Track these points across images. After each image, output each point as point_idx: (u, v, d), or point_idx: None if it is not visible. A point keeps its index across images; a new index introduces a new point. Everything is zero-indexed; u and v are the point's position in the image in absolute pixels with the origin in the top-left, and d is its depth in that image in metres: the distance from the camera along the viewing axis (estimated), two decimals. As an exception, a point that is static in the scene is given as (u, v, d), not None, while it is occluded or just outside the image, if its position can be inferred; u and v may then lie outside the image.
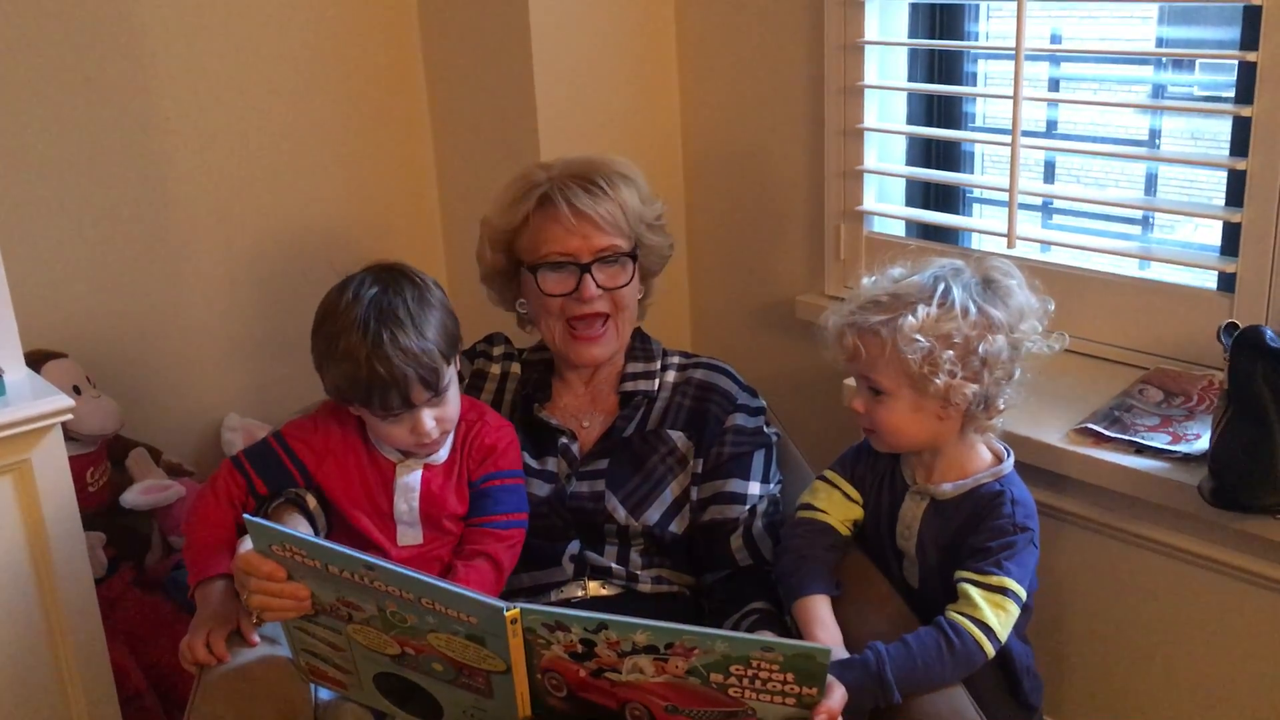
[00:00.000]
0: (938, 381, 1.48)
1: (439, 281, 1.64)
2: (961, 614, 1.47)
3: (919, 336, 1.48)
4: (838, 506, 1.67)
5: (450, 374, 1.59)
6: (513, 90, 2.35)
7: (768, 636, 1.41)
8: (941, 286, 1.52)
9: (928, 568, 1.59)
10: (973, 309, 1.50)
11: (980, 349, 1.49)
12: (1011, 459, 1.59)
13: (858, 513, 1.67)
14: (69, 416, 1.72)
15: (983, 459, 1.58)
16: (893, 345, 1.50)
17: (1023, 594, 1.49)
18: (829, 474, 1.69)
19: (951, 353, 1.48)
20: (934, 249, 2.18)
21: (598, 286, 1.70)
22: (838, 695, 1.30)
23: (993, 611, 1.46)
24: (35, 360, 2.05)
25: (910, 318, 1.49)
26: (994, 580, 1.48)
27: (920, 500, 1.60)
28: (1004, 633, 1.47)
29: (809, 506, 1.67)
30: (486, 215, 1.79)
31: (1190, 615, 1.73)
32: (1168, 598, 1.74)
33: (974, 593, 1.47)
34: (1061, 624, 1.86)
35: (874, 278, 1.60)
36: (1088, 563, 1.80)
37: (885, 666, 1.42)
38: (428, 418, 1.57)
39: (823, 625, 1.53)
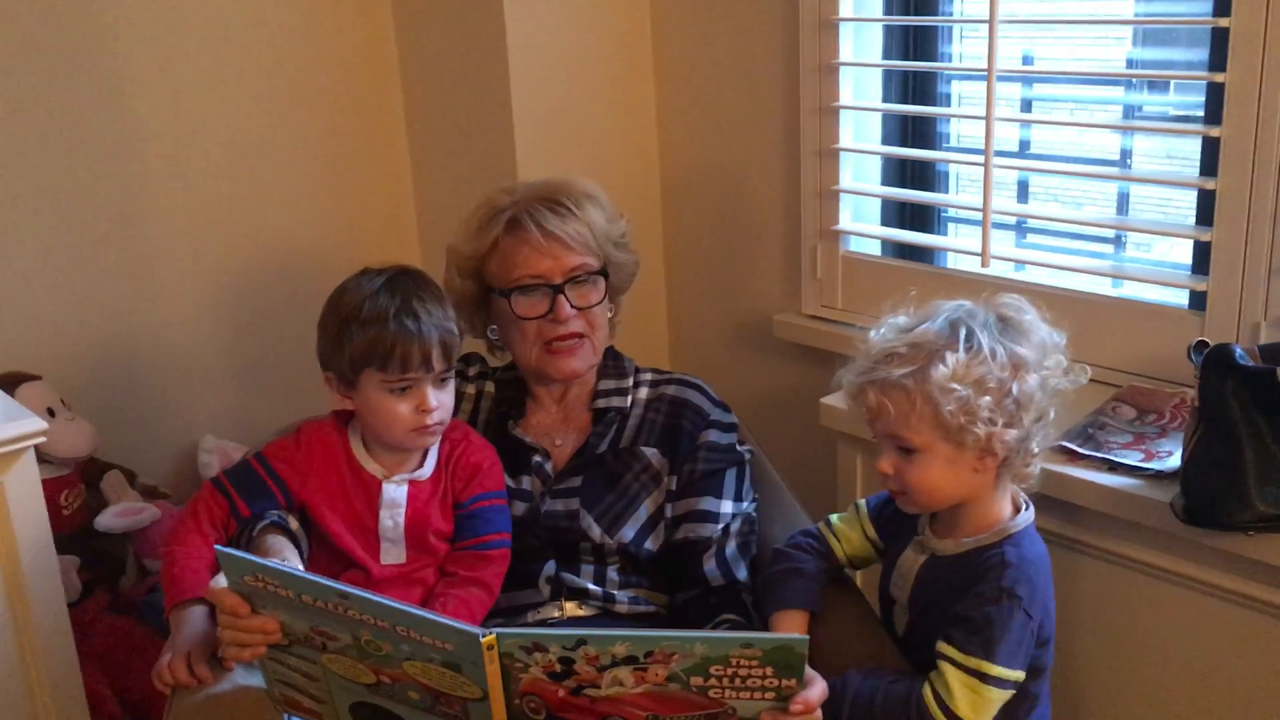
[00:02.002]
0: (977, 431, 1.39)
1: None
2: (935, 693, 1.39)
3: (955, 385, 1.38)
4: (852, 539, 1.64)
5: (454, 365, 1.64)
6: (490, 112, 2.35)
7: (745, 634, 1.41)
8: (963, 330, 1.42)
9: (916, 622, 1.53)
10: (1000, 350, 1.41)
11: (1014, 391, 1.40)
12: (1029, 512, 1.50)
13: (868, 551, 1.64)
14: (42, 439, 1.71)
15: (1003, 513, 1.49)
16: (923, 398, 1.40)
17: (1007, 676, 1.38)
18: (860, 504, 1.65)
19: (988, 398, 1.39)
20: (912, 269, 2.21)
21: (571, 306, 1.71)
22: (817, 688, 1.30)
23: (965, 697, 1.37)
24: (9, 382, 2.05)
25: (941, 366, 1.39)
26: (971, 662, 1.38)
27: (920, 553, 1.53)
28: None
29: (828, 524, 1.66)
30: (453, 244, 1.79)
31: (1164, 631, 1.73)
32: (1142, 614, 1.75)
33: (949, 673, 1.39)
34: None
35: (880, 330, 1.50)
36: (1061, 580, 1.79)
37: (844, 706, 1.41)
38: (433, 396, 1.60)
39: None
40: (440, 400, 1.61)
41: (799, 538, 1.65)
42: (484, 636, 1.22)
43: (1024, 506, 1.50)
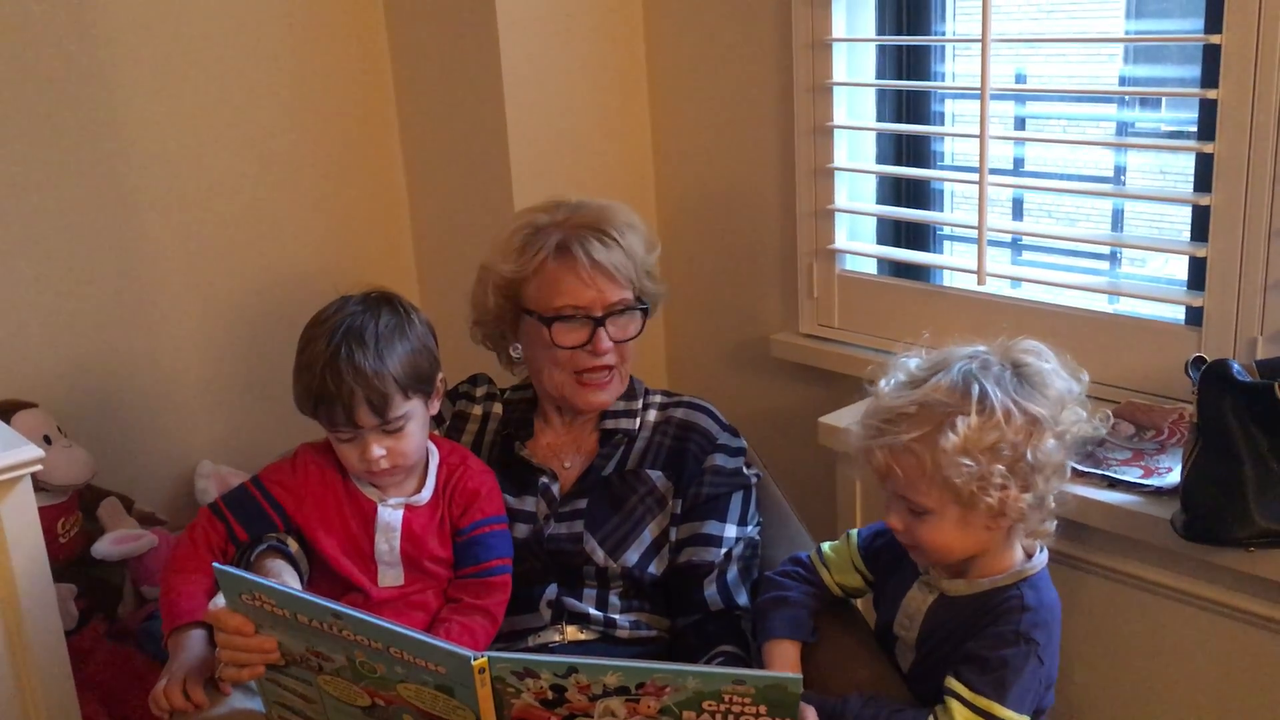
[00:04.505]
0: (989, 499, 1.35)
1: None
2: None
3: (964, 458, 1.34)
4: (841, 568, 1.62)
5: (407, 410, 1.58)
6: (486, 136, 2.36)
7: (738, 669, 1.40)
8: (976, 389, 1.36)
9: (923, 661, 1.51)
10: (1015, 411, 1.35)
11: (1029, 456, 1.35)
12: (1043, 556, 1.47)
13: (858, 583, 1.62)
14: (39, 467, 1.70)
15: (1014, 558, 1.45)
16: (934, 464, 1.35)
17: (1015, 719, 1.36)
18: (852, 534, 1.63)
19: (1001, 466, 1.34)
20: (908, 288, 2.21)
21: (610, 340, 1.70)
22: None
23: None
24: (5, 410, 2.04)
25: (951, 435, 1.34)
26: (981, 702, 1.35)
27: (928, 592, 1.50)
28: None
29: (819, 552, 1.64)
30: (488, 261, 1.76)
31: (1165, 648, 1.73)
32: (1142, 630, 1.74)
33: (957, 711, 1.36)
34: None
35: (890, 378, 1.45)
36: (1061, 596, 1.79)
37: (856, 714, 1.41)
38: (375, 446, 1.57)
39: (785, 668, 1.51)
40: (389, 447, 1.58)
41: (787, 565, 1.65)
42: (475, 659, 1.22)
43: (1038, 550, 1.48)
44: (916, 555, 1.48)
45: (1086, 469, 1.73)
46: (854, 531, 1.64)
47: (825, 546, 1.65)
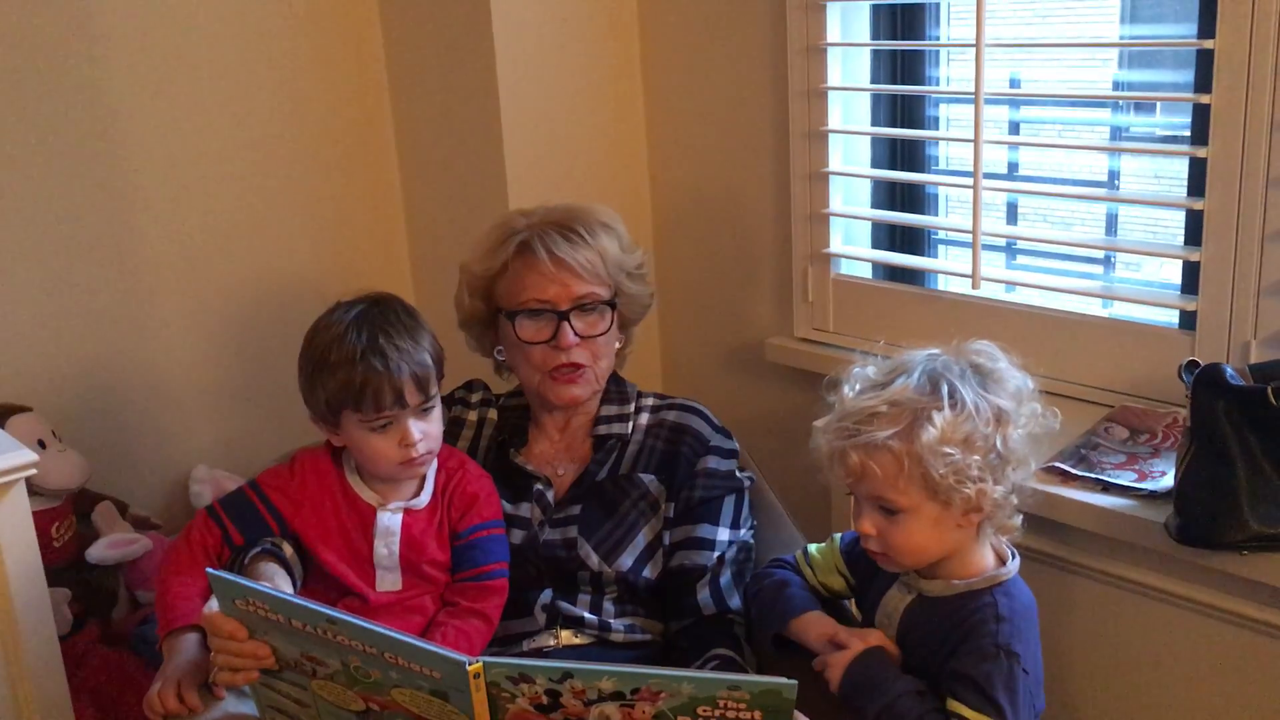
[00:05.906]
0: (966, 490, 1.36)
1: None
2: None
3: (946, 448, 1.35)
4: (826, 570, 1.62)
5: (436, 392, 1.62)
6: (481, 140, 2.36)
7: (734, 675, 1.40)
8: (945, 386, 1.39)
9: (903, 665, 1.50)
10: (983, 405, 1.38)
11: (999, 446, 1.38)
12: (1016, 563, 1.47)
13: (840, 585, 1.62)
14: (33, 471, 1.70)
15: (986, 560, 1.46)
16: (912, 460, 1.36)
17: None
18: (836, 538, 1.63)
19: (977, 457, 1.37)
20: (903, 292, 2.21)
21: (575, 335, 1.70)
22: None
23: None
24: (-1, 414, 2.04)
25: (930, 428, 1.35)
26: None
27: (907, 593, 1.49)
28: None
29: (805, 553, 1.64)
30: (465, 261, 1.79)
31: (1159, 651, 1.73)
32: (1135, 635, 1.74)
33: None
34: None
35: (852, 385, 1.46)
36: (1055, 600, 1.80)
37: (886, 698, 1.39)
38: (416, 428, 1.58)
39: (828, 632, 1.49)
40: (424, 430, 1.60)
41: (774, 561, 1.65)
42: (470, 664, 1.22)
43: (1010, 556, 1.48)
44: (888, 564, 1.47)
45: (1080, 472, 1.73)
46: (837, 535, 1.64)
47: (811, 548, 1.65)
